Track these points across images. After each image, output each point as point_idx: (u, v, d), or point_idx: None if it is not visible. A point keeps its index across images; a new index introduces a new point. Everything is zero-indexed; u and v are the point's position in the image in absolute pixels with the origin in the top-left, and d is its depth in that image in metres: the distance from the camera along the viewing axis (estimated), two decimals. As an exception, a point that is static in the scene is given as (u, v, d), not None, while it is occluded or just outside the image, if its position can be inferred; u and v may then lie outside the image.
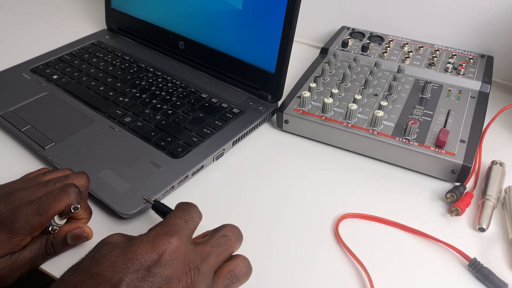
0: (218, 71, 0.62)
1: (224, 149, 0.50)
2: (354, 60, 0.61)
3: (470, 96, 0.55)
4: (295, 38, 0.53)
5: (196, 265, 0.30)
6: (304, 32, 0.77)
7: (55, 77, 0.62)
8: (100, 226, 0.42)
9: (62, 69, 0.63)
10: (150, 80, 0.61)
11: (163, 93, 0.58)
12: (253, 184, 0.48)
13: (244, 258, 0.34)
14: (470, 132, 0.49)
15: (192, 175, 0.47)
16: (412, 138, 0.48)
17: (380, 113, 0.49)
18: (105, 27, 0.77)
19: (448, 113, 0.52)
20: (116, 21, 0.74)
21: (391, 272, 0.39)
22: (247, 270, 0.33)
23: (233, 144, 0.52)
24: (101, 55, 0.67)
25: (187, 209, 0.33)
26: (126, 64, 0.65)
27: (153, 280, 0.28)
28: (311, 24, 0.76)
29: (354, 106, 0.50)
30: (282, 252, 0.41)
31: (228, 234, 0.33)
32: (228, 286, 0.32)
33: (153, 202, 0.40)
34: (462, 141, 0.48)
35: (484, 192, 0.45)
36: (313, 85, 0.54)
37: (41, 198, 0.36)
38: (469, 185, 0.47)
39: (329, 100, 0.52)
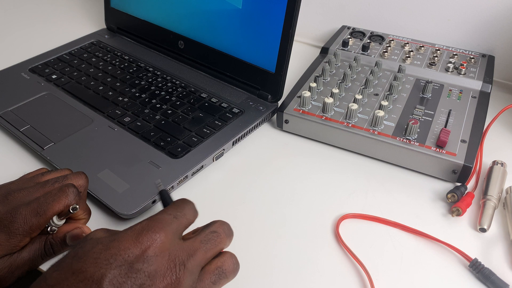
0: (218, 70, 0.61)
1: (224, 149, 0.50)
2: (354, 60, 0.60)
3: (471, 96, 0.55)
4: (295, 38, 0.53)
5: (182, 261, 0.29)
6: (304, 32, 0.76)
7: (54, 76, 0.62)
8: (99, 227, 0.41)
9: (61, 69, 0.63)
10: (150, 79, 0.61)
11: (162, 93, 0.58)
12: (253, 184, 0.48)
13: (232, 254, 0.33)
14: (471, 132, 0.49)
15: (192, 175, 0.47)
16: (413, 138, 0.48)
17: (380, 113, 0.49)
18: (104, 26, 0.76)
19: (449, 113, 0.52)
20: (116, 21, 0.74)
21: (391, 272, 0.39)
22: (235, 266, 0.33)
23: (233, 144, 0.52)
24: (100, 55, 0.67)
25: (181, 206, 0.33)
26: (126, 64, 0.65)
27: (136, 276, 0.27)
28: (311, 24, 0.76)
29: (354, 106, 0.50)
30: (282, 252, 0.40)
31: (218, 230, 0.32)
32: (215, 283, 0.31)
33: (161, 188, 0.38)
34: (463, 141, 0.47)
35: (485, 192, 0.45)
36: (313, 84, 0.54)
37: (39, 199, 0.36)
38: (470, 185, 0.47)
39: (329, 100, 0.51)
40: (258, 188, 0.47)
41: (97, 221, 0.42)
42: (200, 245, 0.31)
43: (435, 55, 0.61)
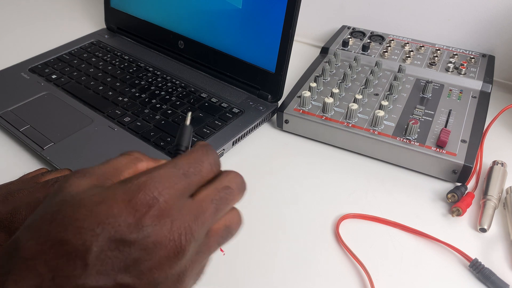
0: (218, 70, 0.61)
1: (224, 149, 0.50)
2: (354, 60, 0.60)
3: (471, 96, 0.55)
4: (295, 38, 0.53)
5: (187, 228, 0.23)
6: (304, 31, 0.76)
7: (54, 76, 0.61)
8: None
9: (61, 69, 0.63)
10: (150, 79, 0.61)
11: (162, 93, 0.58)
12: (253, 184, 0.48)
13: (237, 209, 0.28)
14: (471, 132, 0.48)
15: (192, 175, 0.47)
16: (413, 138, 0.48)
17: (380, 113, 0.49)
18: (104, 26, 0.76)
19: (449, 113, 0.52)
20: (115, 21, 0.74)
21: (391, 272, 0.39)
22: (240, 221, 0.28)
23: (233, 144, 0.52)
24: (100, 55, 0.67)
25: (199, 159, 0.25)
26: (126, 64, 0.65)
27: (129, 250, 0.21)
28: (311, 23, 0.76)
29: (354, 106, 0.50)
30: (282, 252, 0.40)
31: (231, 185, 0.26)
32: (220, 243, 0.26)
33: (188, 124, 0.30)
34: (463, 141, 0.47)
35: (485, 192, 0.44)
36: (313, 84, 0.54)
37: (39, 199, 0.36)
38: (470, 185, 0.47)
39: (329, 100, 0.51)
40: (258, 188, 0.47)
41: (97, 221, 0.42)
42: (211, 205, 0.25)
43: (435, 55, 0.61)
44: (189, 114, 0.31)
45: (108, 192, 0.22)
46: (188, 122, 0.30)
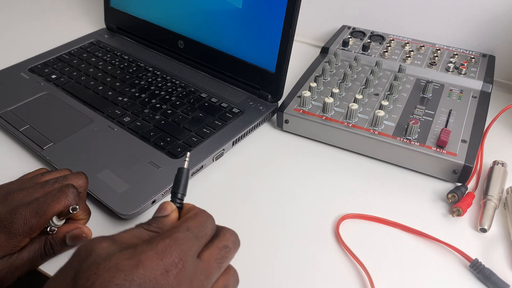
0: (218, 70, 0.61)
1: (224, 149, 0.50)
2: (355, 60, 0.60)
3: (472, 96, 0.55)
4: (295, 37, 0.52)
5: (202, 285, 0.28)
6: (304, 31, 0.76)
7: (53, 76, 0.61)
8: (99, 227, 0.42)
9: (61, 69, 0.63)
10: (150, 79, 0.61)
11: (162, 93, 0.58)
12: (253, 184, 0.48)
13: (234, 270, 0.32)
14: (471, 132, 0.48)
15: (192, 175, 0.47)
16: (413, 138, 0.48)
17: (381, 113, 0.49)
18: (104, 26, 0.76)
19: (450, 113, 0.52)
20: (115, 20, 0.74)
21: (392, 272, 0.39)
22: (237, 281, 0.32)
23: (233, 144, 0.52)
24: (100, 55, 0.67)
25: (204, 223, 0.30)
26: (125, 64, 0.65)
27: None
28: (311, 23, 0.76)
29: (354, 106, 0.50)
30: (282, 252, 0.40)
31: (229, 244, 0.31)
32: None
33: (186, 166, 0.33)
34: (463, 141, 0.47)
35: (485, 192, 0.44)
36: (313, 84, 0.54)
37: (39, 199, 0.36)
38: (470, 185, 0.47)
39: (329, 100, 0.51)
40: (258, 188, 0.47)
41: (97, 221, 0.42)
42: (215, 265, 0.29)
43: (435, 55, 0.61)
44: (188, 154, 0.32)
45: (140, 255, 0.25)
46: (186, 164, 0.32)
